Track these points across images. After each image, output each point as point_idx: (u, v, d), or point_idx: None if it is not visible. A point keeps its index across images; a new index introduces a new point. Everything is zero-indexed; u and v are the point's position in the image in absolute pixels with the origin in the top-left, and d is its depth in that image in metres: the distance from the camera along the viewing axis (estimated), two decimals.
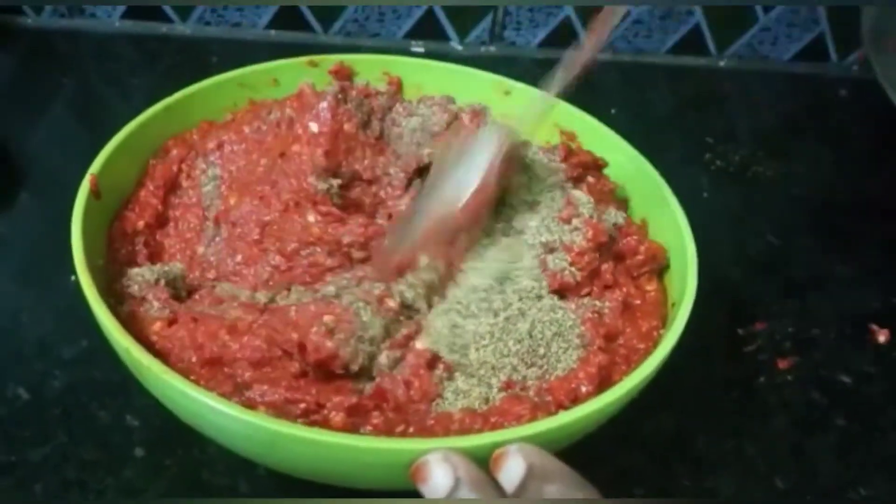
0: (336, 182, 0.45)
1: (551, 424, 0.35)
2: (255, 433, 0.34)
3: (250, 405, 0.36)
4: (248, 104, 0.54)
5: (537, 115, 0.47)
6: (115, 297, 0.41)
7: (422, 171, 0.48)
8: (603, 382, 0.39)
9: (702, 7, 0.81)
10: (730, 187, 0.68)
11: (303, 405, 0.35)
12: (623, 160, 0.51)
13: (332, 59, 0.56)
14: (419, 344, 0.39)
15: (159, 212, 0.47)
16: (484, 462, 0.33)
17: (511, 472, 0.32)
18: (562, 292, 0.43)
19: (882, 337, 0.56)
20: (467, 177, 0.43)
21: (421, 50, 0.80)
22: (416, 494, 0.33)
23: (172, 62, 0.74)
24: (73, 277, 0.38)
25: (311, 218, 0.43)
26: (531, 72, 0.76)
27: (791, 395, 0.51)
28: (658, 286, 0.46)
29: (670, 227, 0.46)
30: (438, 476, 0.31)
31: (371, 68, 0.57)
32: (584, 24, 0.81)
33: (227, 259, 0.44)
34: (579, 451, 0.36)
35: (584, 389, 0.38)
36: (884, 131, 0.70)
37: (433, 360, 0.39)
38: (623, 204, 0.51)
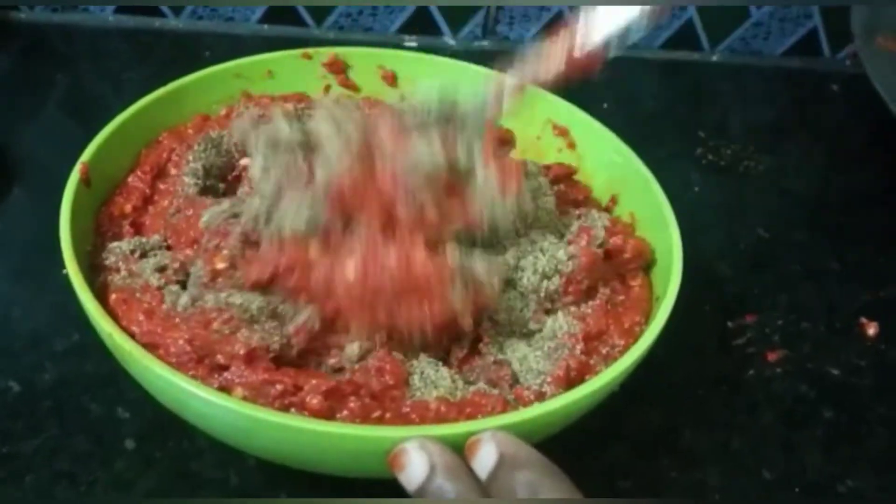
0: None
1: (525, 415, 0.35)
2: (233, 419, 0.34)
3: (228, 387, 0.36)
4: (242, 97, 0.54)
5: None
6: (95, 272, 0.41)
7: None
8: (574, 383, 0.39)
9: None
10: (721, 181, 0.69)
11: (280, 386, 0.35)
12: (613, 155, 0.51)
13: (327, 52, 0.57)
14: None
15: (146, 195, 0.47)
16: (460, 449, 0.33)
17: (483, 459, 0.32)
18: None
19: (871, 330, 0.56)
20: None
21: (414, 44, 0.80)
22: (395, 484, 0.33)
23: (165, 57, 0.74)
24: (64, 272, 0.39)
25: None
26: None
27: (779, 387, 0.51)
28: (643, 281, 0.46)
29: (657, 221, 0.47)
30: (415, 463, 0.32)
31: (365, 62, 0.57)
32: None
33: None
34: (566, 444, 0.36)
35: (548, 392, 0.38)
36: (875, 126, 0.70)
37: None
38: (596, 202, 0.51)
